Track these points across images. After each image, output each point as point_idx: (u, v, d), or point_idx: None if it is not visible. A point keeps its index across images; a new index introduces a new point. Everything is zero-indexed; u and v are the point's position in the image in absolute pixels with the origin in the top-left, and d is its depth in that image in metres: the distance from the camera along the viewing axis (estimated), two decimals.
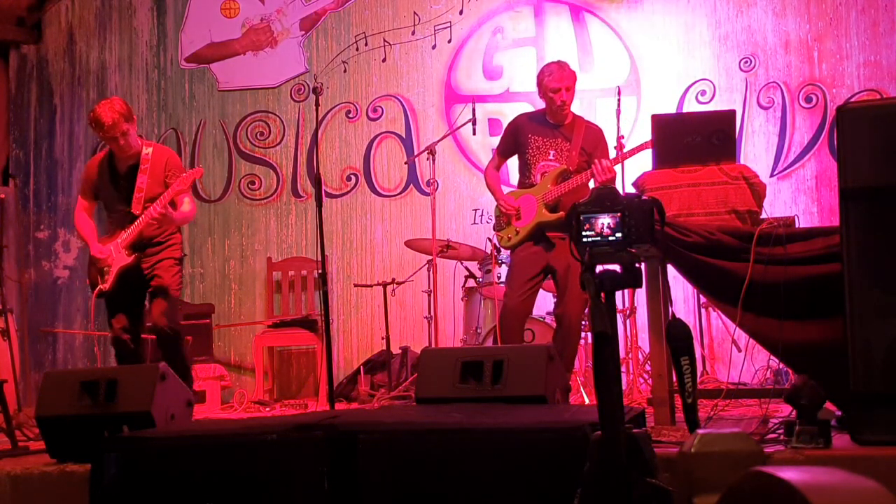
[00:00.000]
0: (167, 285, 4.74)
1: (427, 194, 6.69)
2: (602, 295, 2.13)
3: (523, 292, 4.75)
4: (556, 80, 4.80)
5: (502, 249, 5.33)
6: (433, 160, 5.65)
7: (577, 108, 6.75)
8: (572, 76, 4.87)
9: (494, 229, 5.10)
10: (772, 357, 3.81)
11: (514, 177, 5.26)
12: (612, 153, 5.02)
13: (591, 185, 4.77)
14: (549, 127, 4.91)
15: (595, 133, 4.94)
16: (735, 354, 5.04)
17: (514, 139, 5.00)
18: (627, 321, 5.51)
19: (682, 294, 6.01)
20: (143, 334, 4.87)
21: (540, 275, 4.81)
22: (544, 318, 5.66)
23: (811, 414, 2.83)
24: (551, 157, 4.86)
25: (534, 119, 5.03)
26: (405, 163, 7.00)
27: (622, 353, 5.26)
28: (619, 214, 2.19)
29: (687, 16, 6.84)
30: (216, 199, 7.27)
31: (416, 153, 6.85)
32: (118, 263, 4.70)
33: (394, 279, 6.33)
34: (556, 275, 4.80)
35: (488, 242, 5.89)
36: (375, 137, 7.18)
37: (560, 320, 4.79)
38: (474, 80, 7.07)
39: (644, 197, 2.36)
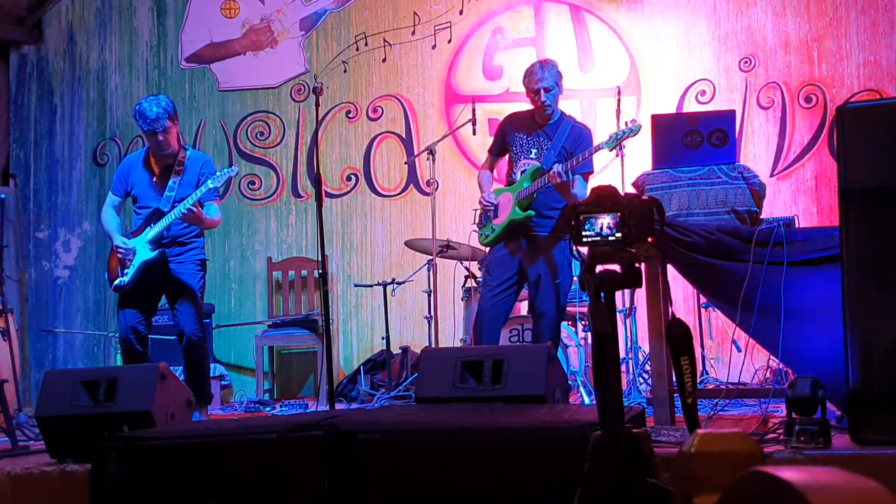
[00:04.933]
0: (194, 293, 4.78)
1: (427, 194, 6.67)
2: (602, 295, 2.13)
3: (494, 295, 4.75)
4: (534, 82, 4.73)
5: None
6: (433, 160, 5.64)
7: (577, 108, 6.83)
8: (553, 77, 4.74)
9: (477, 226, 5.10)
10: (772, 357, 3.81)
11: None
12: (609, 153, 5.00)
13: (588, 186, 4.71)
14: (535, 125, 4.86)
15: (579, 132, 4.84)
16: (735, 354, 5.04)
17: (502, 138, 4.98)
18: (626, 321, 5.51)
19: (682, 294, 6.00)
20: (149, 335, 4.88)
21: (513, 278, 4.78)
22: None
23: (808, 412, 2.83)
24: (533, 155, 4.81)
25: (522, 117, 4.98)
26: (405, 163, 7.00)
27: (622, 353, 5.26)
28: (618, 214, 2.19)
29: (687, 16, 6.83)
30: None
31: (416, 153, 6.84)
32: (141, 257, 4.71)
33: (394, 279, 6.33)
34: (529, 280, 4.76)
35: None
36: (375, 137, 7.18)
37: (538, 320, 4.78)
38: (474, 80, 7.07)
39: (644, 197, 2.36)
